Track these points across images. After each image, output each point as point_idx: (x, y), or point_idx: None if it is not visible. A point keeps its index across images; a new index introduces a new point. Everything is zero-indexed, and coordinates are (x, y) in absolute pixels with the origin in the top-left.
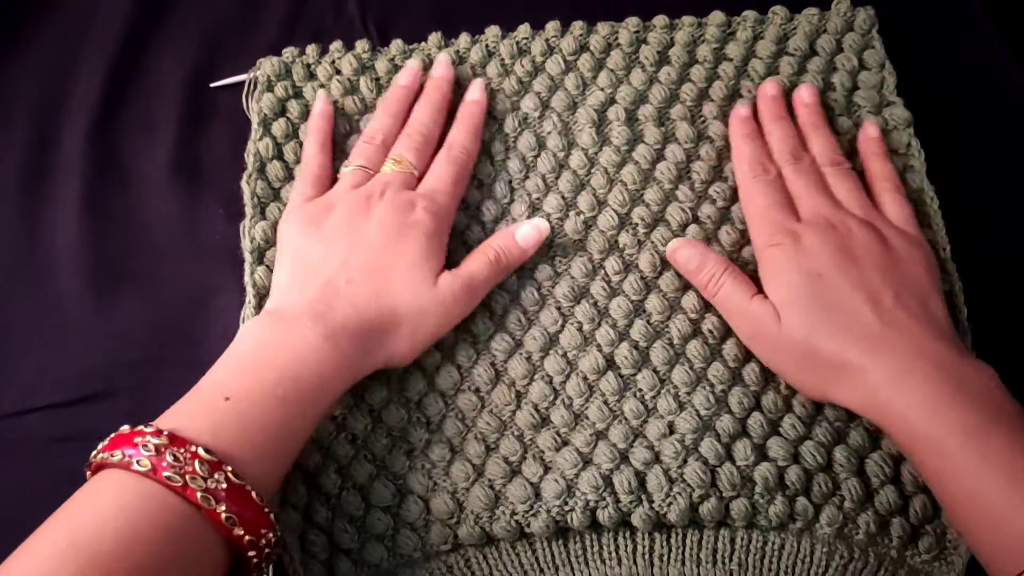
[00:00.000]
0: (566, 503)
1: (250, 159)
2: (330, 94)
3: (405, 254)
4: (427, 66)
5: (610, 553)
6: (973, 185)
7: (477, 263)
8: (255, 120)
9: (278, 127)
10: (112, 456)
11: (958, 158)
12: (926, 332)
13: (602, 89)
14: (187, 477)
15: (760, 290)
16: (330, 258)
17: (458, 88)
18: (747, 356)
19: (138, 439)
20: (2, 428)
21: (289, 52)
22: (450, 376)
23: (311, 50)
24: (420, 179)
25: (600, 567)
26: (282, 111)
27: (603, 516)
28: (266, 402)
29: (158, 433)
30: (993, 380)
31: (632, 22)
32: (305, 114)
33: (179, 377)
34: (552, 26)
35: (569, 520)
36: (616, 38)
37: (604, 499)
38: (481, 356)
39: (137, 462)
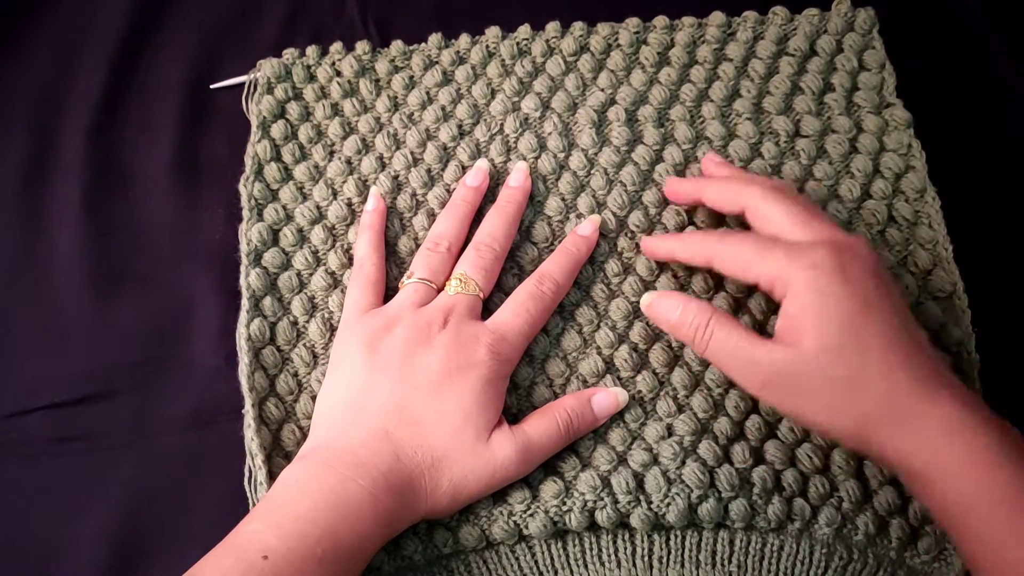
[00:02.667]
0: (564, 503)
1: (248, 161)
2: (330, 96)
3: (459, 400)
4: (427, 65)
5: (609, 555)
6: (973, 185)
7: (543, 426)
8: (254, 122)
9: (277, 129)
10: None
11: (958, 158)
12: (956, 380)
13: (602, 90)
14: None
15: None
16: (382, 393)
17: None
18: None
19: None
20: (2, 428)
21: (289, 53)
22: None
23: (311, 51)
24: (484, 298)
25: (599, 569)
26: (281, 113)
27: (601, 517)
28: (304, 563)
29: None
30: (1013, 429)
31: (632, 23)
32: (305, 116)
33: (179, 377)
34: (552, 27)
35: (567, 521)
36: (616, 39)
37: (602, 499)
38: None
39: None
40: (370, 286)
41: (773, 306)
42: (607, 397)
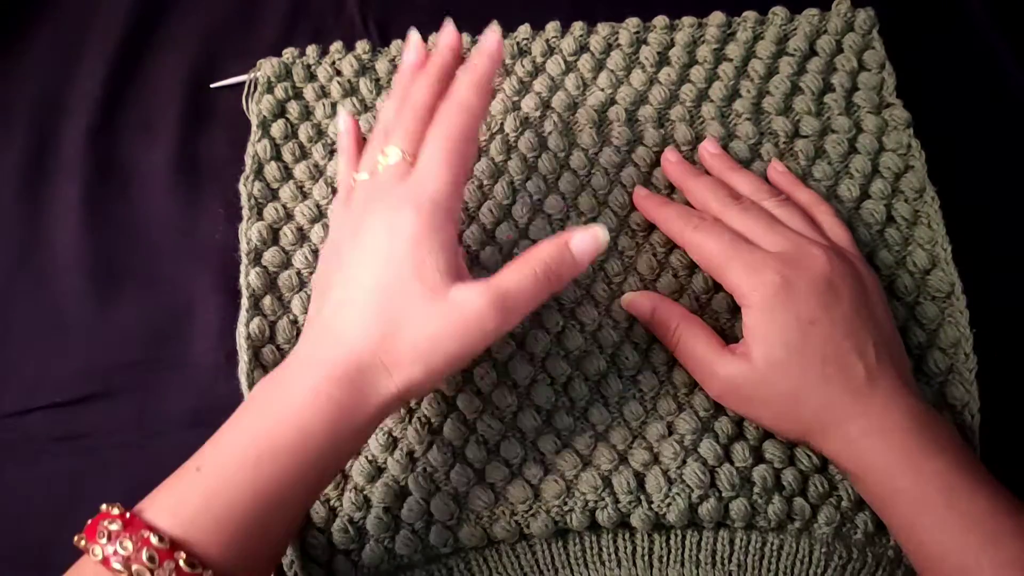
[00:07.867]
0: (565, 503)
1: (248, 161)
2: (330, 96)
3: (397, 266)
4: None
5: (610, 555)
6: (973, 185)
7: (516, 275)
8: (254, 121)
9: (277, 128)
10: (81, 541)
11: (958, 158)
12: (900, 382)
13: (602, 90)
14: (133, 568)
15: (722, 337)
16: (326, 284)
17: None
18: None
19: (102, 523)
20: (2, 428)
21: (289, 53)
22: (452, 378)
23: (311, 51)
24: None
25: (600, 569)
26: (281, 112)
27: (602, 516)
28: (235, 468)
29: (119, 517)
30: (950, 426)
31: (632, 23)
32: (305, 115)
33: (178, 377)
34: (552, 27)
35: (568, 520)
36: (616, 39)
37: (603, 499)
38: (482, 358)
39: (92, 551)
40: (349, 195)
41: None
42: (586, 237)
